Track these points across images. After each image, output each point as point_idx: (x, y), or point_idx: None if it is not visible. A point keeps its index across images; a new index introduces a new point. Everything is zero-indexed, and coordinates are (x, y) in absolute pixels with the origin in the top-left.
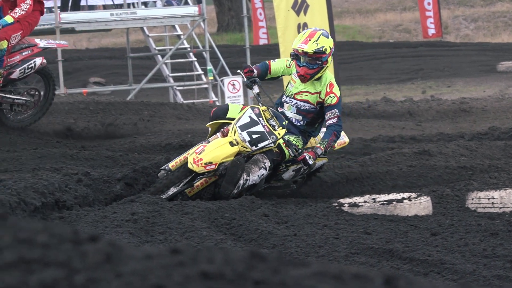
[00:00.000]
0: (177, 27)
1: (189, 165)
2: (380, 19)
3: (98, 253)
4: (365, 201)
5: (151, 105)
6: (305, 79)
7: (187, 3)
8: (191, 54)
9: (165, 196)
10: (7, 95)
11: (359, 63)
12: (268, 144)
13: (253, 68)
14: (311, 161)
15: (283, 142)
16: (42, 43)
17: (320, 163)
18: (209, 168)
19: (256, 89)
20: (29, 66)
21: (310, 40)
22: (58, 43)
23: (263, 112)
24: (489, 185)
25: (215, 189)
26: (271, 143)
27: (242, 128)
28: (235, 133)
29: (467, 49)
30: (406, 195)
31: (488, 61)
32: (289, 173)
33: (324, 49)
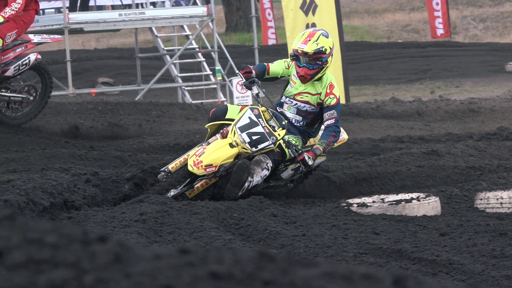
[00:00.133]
0: (185, 27)
1: (189, 167)
2: (388, 19)
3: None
4: (373, 201)
5: (160, 105)
6: (305, 79)
7: (195, 3)
8: (199, 54)
9: None
10: (2, 93)
11: (367, 63)
12: (268, 145)
13: (252, 69)
14: (310, 162)
15: (283, 142)
16: (36, 39)
17: (318, 161)
18: (209, 170)
19: (255, 90)
20: (24, 63)
21: (309, 40)
22: (52, 38)
23: (262, 113)
24: (498, 185)
25: (214, 190)
26: (271, 144)
27: (242, 129)
28: (234, 134)
29: (475, 49)
30: (414, 195)
31: (497, 61)
32: (287, 172)
33: (324, 49)
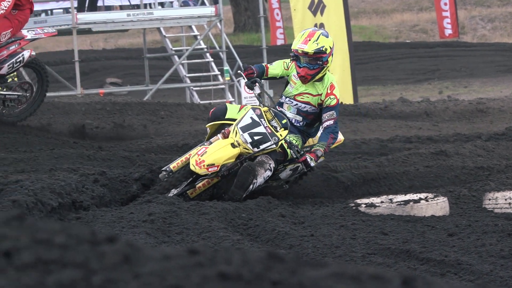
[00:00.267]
0: (193, 27)
1: (191, 167)
2: (396, 19)
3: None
4: (382, 202)
5: (168, 105)
6: (306, 80)
7: (203, 3)
8: (207, 54)
9: None
10: None
11: (375, 64)
12: (270, 145)
13: (254, 69)
14: (312, 163)
15: (285, 143)
16: (30, 35)
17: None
18: (211, 170)
19: (257, 90)
20: (18, 60)
21: (310, 40)
22: (46, 33)
23: (264, 113)
24: (506, 186)
25: (213, 190)
26: (273, 145)
27: (244, 130)
28: (236, 134)
29: (484, 50)
30: (423, 195)
31: (505, 61)
32: (286, 172)
33: (324, 49)
